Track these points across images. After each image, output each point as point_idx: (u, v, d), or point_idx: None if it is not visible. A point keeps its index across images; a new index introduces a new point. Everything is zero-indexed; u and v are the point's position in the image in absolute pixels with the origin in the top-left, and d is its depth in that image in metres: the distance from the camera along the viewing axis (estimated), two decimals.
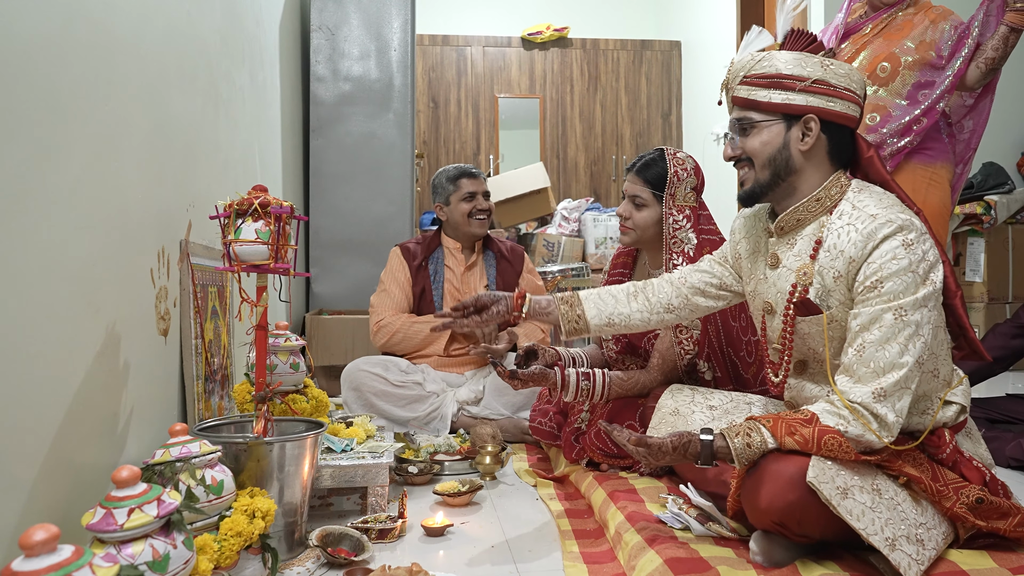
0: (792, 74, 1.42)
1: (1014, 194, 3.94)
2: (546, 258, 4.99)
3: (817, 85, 1.42)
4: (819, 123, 1.43)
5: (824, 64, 1.43)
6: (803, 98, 1.42)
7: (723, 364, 2.00)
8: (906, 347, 1.31)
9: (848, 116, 1.44)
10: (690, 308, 1.71)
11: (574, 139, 6.20)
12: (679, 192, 2.04)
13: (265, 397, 1.53)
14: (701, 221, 2.06)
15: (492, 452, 2.12)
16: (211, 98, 2.23)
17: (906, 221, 1.34)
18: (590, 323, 1.72)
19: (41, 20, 1.20)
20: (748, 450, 1.33)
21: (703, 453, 1.37)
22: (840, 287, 1.40)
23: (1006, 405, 2.36)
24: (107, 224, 1.45)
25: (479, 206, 2.76)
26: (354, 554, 1.49)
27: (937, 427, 1.42)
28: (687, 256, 2.01)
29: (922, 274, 1.33)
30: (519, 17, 6.35)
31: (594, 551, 1.53)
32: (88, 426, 1.37)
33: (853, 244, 1.37)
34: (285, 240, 1.49)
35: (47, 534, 0.82)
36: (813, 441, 1.29)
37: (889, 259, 1.33)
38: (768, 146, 1.47)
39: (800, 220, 1.49)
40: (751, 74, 1.46)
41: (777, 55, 1.45)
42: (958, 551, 1.35)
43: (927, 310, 1.33)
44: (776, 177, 1.48)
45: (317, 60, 3.99)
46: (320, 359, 3.49)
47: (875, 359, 1.31)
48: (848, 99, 1.43)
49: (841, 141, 1.47)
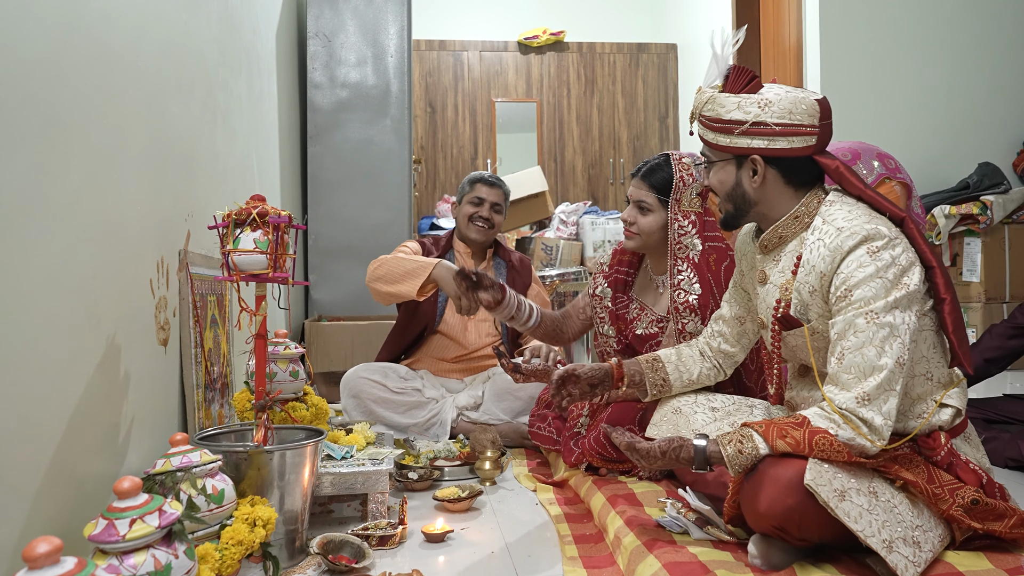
0: (732, 119, 1.47)
1: (1010, 194, 3.95)
2: (544, 262, 5.00)
3: (756, 127, 1.45)
4: (763, 161, 1.48)
5: (762, 104, 1.45)
6: (745, 140, 1.47)
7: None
8: (883, 349, 1.32)
9: (794, 150, 1.46)
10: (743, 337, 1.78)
11: (571, 143, 6.21)
12: (685, 197, 2.02)
13: (265, 405, 1.53)
14: (707, 227, 2.04)
15: (492, 457, 2.13)
16: (209, 108, 2.24)
17: (871, 230, 1.37)
18: (672, 386, 1.80)
19: (40, 35, 1.21)
20: (740, 456, 1.35)
21: (697, 458, 1.40)
22: (816, 300, 1.44)
23: (1003, 405, 2.36)
24: (106, 235, 1.46)
25: (481, 213, 2.75)
26: (355, 561, 1.50)
27: (933, 430, 1.43)
28: (692, 263, 2.00)
29: (892, 278, 1.35)
30: (515, 21, 6.36)
31: (594, 556, 1.54)
32: (89, 437, 1.37)
33: (822, 259, 1.41)
34: (283, 249, 1.50)
35: (50, 546, 0.83)
36: (805, 443, 1.30)
37: (855, 268, 1.36)
38: (724, 184, 1.54)
39: (782, 237, 1.53)
40: (703, 115, 1.53)
41: (719, 99, 1.49)
42: (955, 553, 1.36)
43: (901, 312, 1.34)
44: (739, 209, 1.55)
45: (314, 67, 4.00)
46: (319, 365, 3.50)
47: (855, 365, 1.34)
48: (792, 134, 1.45)
49: (793, 170, 1.49)
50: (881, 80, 4.25)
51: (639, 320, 2.15)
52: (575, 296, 4.17)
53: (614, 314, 2.17)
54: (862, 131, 4.22)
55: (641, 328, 2.13)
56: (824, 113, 1.47)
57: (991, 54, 4.34)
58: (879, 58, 4.24)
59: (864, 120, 4.22)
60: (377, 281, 2.50)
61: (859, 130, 4.22)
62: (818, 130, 1.46)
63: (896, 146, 4.26)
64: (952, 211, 3.91)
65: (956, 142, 4.30)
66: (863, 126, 4.22)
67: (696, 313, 1.97)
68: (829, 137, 1.50)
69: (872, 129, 4.24)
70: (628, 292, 2.20)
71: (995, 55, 4.34)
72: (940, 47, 4.29)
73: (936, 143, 4.29)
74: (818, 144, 1.47)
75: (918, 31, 4.28)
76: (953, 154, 4.27)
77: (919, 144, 4.28)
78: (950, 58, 4.30)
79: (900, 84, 4.27)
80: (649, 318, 2.13)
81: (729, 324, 1.75)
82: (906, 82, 4.27)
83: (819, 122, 1.46)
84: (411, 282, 2.39)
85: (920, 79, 4.29)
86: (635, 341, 2.14)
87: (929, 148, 4.28)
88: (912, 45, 4.27)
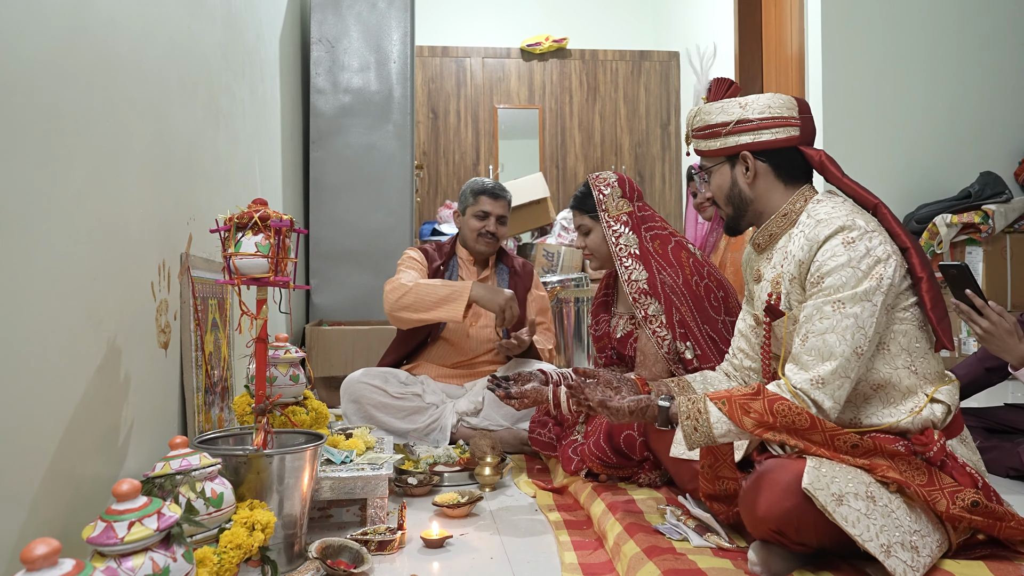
0: (718, 122, 1.59)
1: (1012, 203, 3.95)
2: (546, 268, 5.00)
3: (740, 125, 1.57)
4: (753, 156, 1.58)
5: (742, 104, 1.58)
6: (733, 139, 1.58)
7: (702, 342, 2.06)
8: (844, 338, 1.39)
9: (779, 140, 1.56)
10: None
11: (573, 149, 6.22)
12: (610, 205, 2.18)
13: (265, 409, 1.53)
14: (643, 221, 2.19)
15: (491, 463, 2.12)
16: (212, 112, 2.24)
17: (848, 221, 1.44)
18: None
19: (44, 36, 1.21)
20: (695, 434, 1.40)
21: (660, 417, 1.50)
22: (796, 289, 1.52)
23: (1004, 415, 2.35)
24: (108, 237, 1.47)
25: (488, 227, 2.74)
26: (353, 566, 1.50)
27: (926, 426, 1.44)
28: (633, 255, 2.12)
29: (864, 269, 1.41)
30: (518, 28, 6.38)
31: (593, 562, 1.54)
32: (89, 439, 1.37)
33: (801, 248, 1.49)
34: (285, 253, 1.50)
35: (48, 548, 0.83)
36: (767, 412, 1.34)
37: (829, 256, 1.43)
38: (722, 187, 1.64)
39: (773, 235, 1.61)
40: (694, 129, 1.64)
41: (705, 109, 1.62)
42: (955, 562, 1.35)
43: (870, 304, 1.40)
44: (738, 210, 1.64)
45: (317, 72, 4.01)
46: (320, 370, 3.50)
47: (816, 348, 1.41)
48: (774, 126, 1.55)
49: (784, 161, 1.58)
50: (883, 88, 4.25)
51: (618, 326, 2.27)
52: (576, 302, 4.18)
53: (596, 337, 2.34)
54: (863, 139, 4.23)
55: (620, 331, 2.25)
56: (803, 108, 1.57)
57: (993, 63, 4.35)
58: (881, 66, 4.25)
59: (866, 128, 4.23)
60: (404, 310, 2.51)
61: (860, 138, 4.23)
62: (799, 121, 1.56)
63: (898, 154, 4.28)
64: (954, 220, 3.91)
65: (958, 151, 4.30)
66: (864, 134, 4.23)
67: (649, 295, 2.09)
68: (813, 131, 1.59)
69: (873, 137, 4.25)
70: (611, 310, 2.35)
71: (997, 64, 4.35)
72: (942, 56, 4.30)
73: (938, 152, 4.30)
74: (802, 136, 1.56)
75: (920, 40, 4.29)
76: (955, 163, 4.28)
77: (921, 153, 4.28)
78: (952, 67, 4.31)
79: (902, 93, 4.27)
80: (624, 319, 2.26)
81: (747, 338, 1.76)
82: (908, 91, 4.28)
83: (799, 114, 1.56)
84: (452, 307, 2.45)
85: (922, 88, 4.29)
86: (618, 345, 2.24)
87: (931, 157, 4.29)
88: (914, 54, 4.28)
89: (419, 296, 2.49)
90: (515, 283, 2.84)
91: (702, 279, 2.11)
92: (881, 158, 4.25)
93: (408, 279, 2.57)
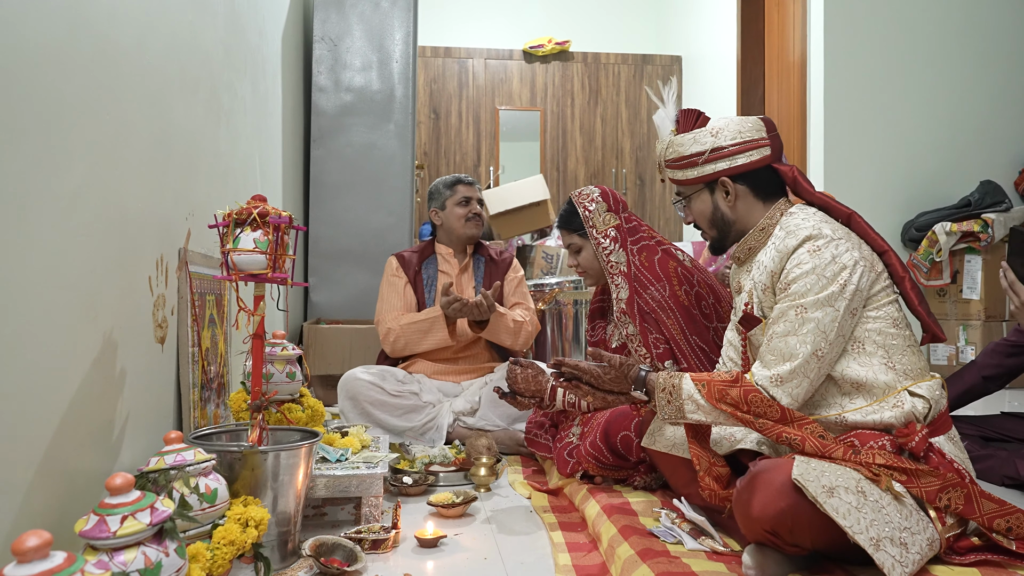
0: (693, 152, 1.65)
1: (1011, 212, 3.95)
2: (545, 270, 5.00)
3: (715, 152, 1.63)
4: (731, 180, 1.64)
5: (714, 132, 1.64)
6: (710, 167, 1.64)
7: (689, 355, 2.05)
8: (804, 340, 1.47)
9: (754, 162, 1.63)
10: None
11: (574, 152, 6.22)
12: (597, 221, 2.18)
13: (261, 406, 1.53)
14: (630, 233, 2.18)
15: (487, 464, 2.12)
16: (212, 108, 2.24)
17: (815, 231, 1.51)
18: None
19: (45, 30, 1.21)
20: (668, 406, 1.51)
21: (637, 381, 1.58)
22: (768, 297, 1.59)
23: (1001, 423, 2.36)
24: (107, 232, 1.46)
25: (474, 210, 2.90)
26: (347, 564, 1.49)
27: (909, 420, 1.46)
28: (624, 275, 2.11)
29: (829, 276, 1.48)
30: (521, 30, 6.39)
31: (586, 564, 1.54)
32: (83, 433, 1.37)
33: (771, 259, 1.57)
34: (283, 250, 1.50)
35: (40, 540, 0.83)
36: (742, 400, 1.45)
37: (795, 265, 1.51)
38: (704, 213, 1.70)
39: (751, 249, 1.67)
40: (667, 160, 1.70)
41: (676, 141, 1.68)
42: (947, 568, 1.35)
43: (832, 309, 1.47)
44: (722, 232, 1.70)
45: (319, 71, 4.01)
46: (317, 368, 3.50)
47: (778, 349, 1.50)
48: (748, 149, 1.62)
49: (760, 181, 1.65)
50: (884, 96, 4.25)
51: (614, 335, 2.27)
52: (575, 304, 4.18)
53: (592, 343, 2.35)
54: (864, 146, 4.23)
55: (616, 341, 2.25)
56: (769, 127, 1.65)
57: (994, 72, 4.35)
58: (882, 74, 4.25)
59: (867, 135, 4.23)
60: (403, 350, 2.76)
61: (861, 145, 4.23)
62: (769, 141, 1.64)
63: (898, 162, 4.28)
64: (953, 228, 3.91)
65: (958, 159, 4.30)
66: (865, 141, 4.23)
67: (626, 314, 2.09)
68: (780, 147, 1.66)
69: (874, 144, 4.25)
70: (607, 316, 2.34)
71: (998, 73, 4.35)
72: (943, 65, 4.30)
73: (938, 160, 4.30)
74: (773, 154, 1.64)
75: (921, 48, 4.29)
76: (955, 171, 4.28)
77: (921, 161, 4.29)
78: (953, 75, 4.32)
79: (903, 101, 4.27)
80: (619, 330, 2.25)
81: (735, 347, 1.77)
82: (909, 99, 4.28)
83: (767, 134, 1.64)
84: (437, 335, 2.70)
85: (923, 96, 4.29)
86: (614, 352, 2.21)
87: (931, 165, 4.29)
88: (915, 62, 4.28)
89: (406, 336, 2.73)
90: (491, 270, 2.94)
91: (692, 287, 2.10)
92: (882, 165, 4.25)
93: (392, 321, 2.76)
